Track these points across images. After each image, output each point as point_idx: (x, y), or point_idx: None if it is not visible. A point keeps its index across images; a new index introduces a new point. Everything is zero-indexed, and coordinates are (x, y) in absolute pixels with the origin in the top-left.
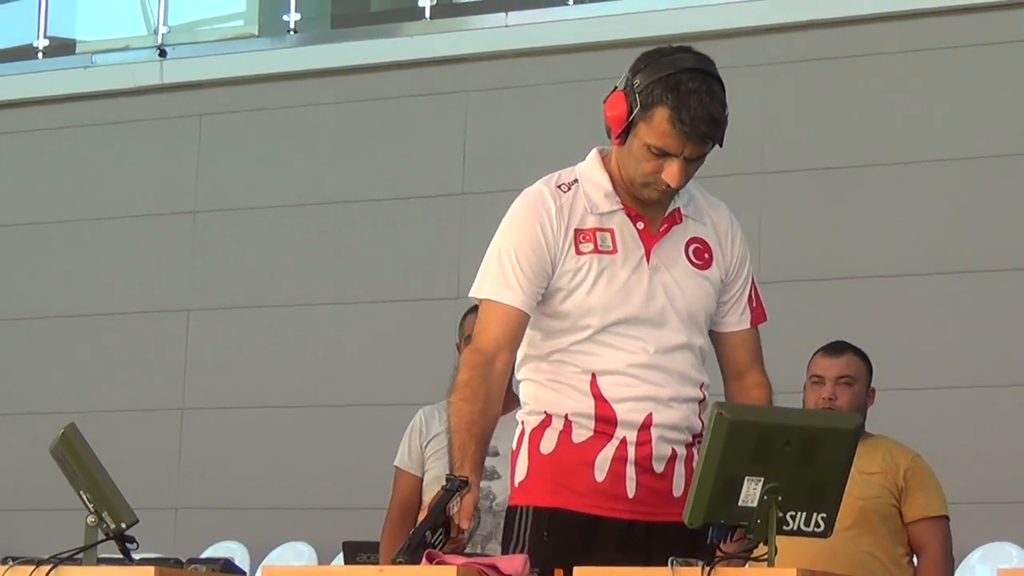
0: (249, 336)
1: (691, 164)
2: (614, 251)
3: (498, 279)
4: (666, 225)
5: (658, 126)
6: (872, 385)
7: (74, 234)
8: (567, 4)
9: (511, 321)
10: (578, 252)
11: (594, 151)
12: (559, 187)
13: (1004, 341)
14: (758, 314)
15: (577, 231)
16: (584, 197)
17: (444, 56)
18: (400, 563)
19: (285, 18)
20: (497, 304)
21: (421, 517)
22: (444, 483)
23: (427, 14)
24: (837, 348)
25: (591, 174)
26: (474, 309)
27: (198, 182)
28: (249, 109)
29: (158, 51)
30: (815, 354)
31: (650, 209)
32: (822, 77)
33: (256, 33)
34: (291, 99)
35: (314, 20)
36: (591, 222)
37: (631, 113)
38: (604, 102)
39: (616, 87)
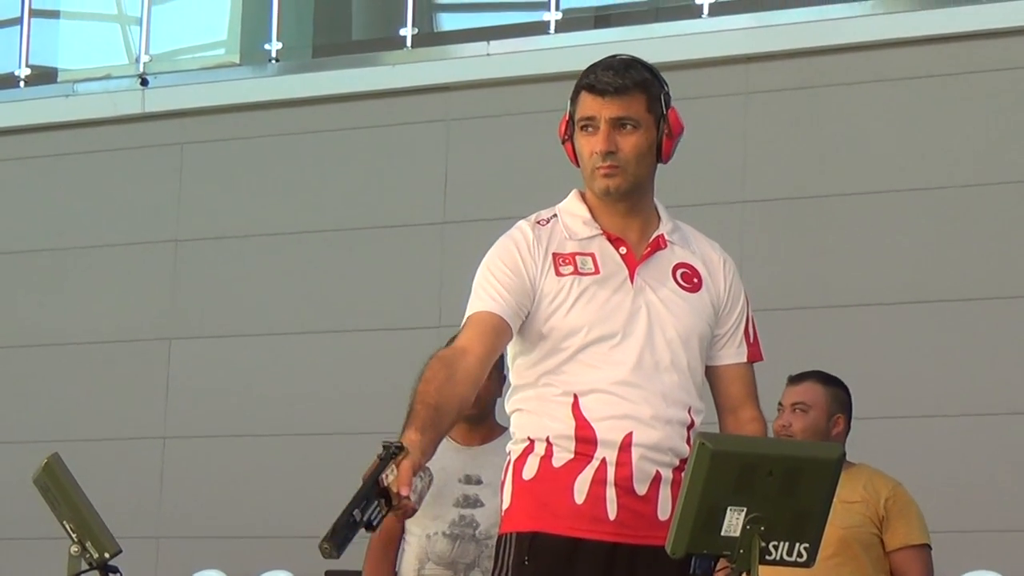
0: (230, 365)
1: (620, 129)
2: (596, 272)
3: (476, 298)
4: (650, 249)
5: (580, 104)
6: (848, 414)
7: (55, 262)
8: (548, 33)
9: (484, 322)
10: (558, 274)
11: (573, 191)
12: (538, 222)
13: (985, 369)
14: (754, 351)
15: (556, 255)
16: (563, 227)
17: (425, 85)
18: (325, 549)
19: (267, 47)
20: (474, 314)
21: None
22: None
23: (408, 43)
24: (798, 377)
25: (569, 207)
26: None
27: (179, 210)
28: (231, 138)
29: (139, 80)
30: None
31: (631, 235)
32: (802, 106)
33: (238, 62)
34: (272, 127)
35: (296, 49)
36: (571, 247)
37: (569, 118)
38: None
39: None
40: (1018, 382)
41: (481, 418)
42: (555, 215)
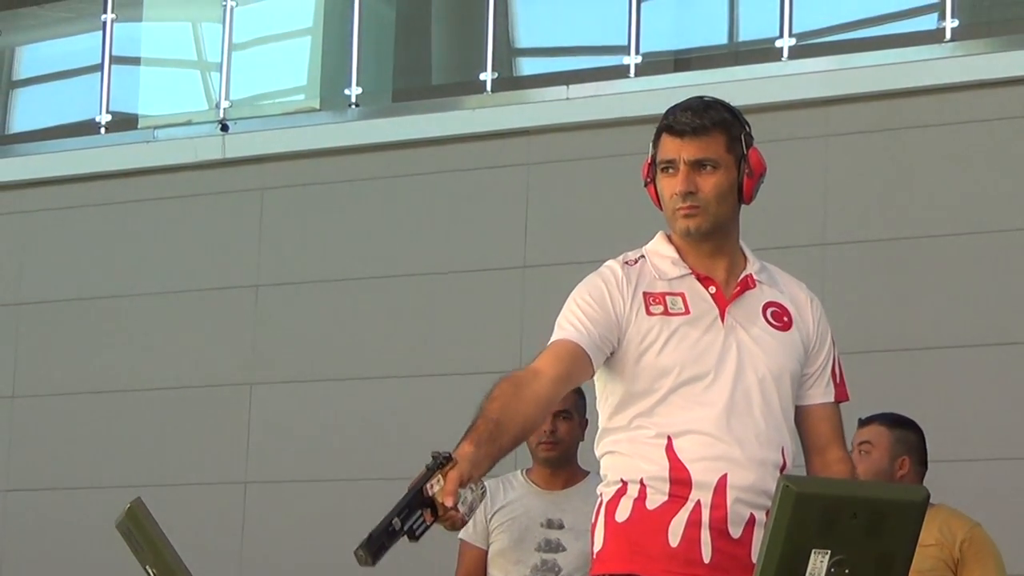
0: (311, 410)
1: (700, 170)
2: (686, 312)
3: (559, 328)
4: (739, 288)
5: (660, 146)
6: (916, 456)
7: (137, 308)
8: (628, 77)
9: (563, 348)
10: (648, 313)
11: (659, 233)
12: (626, 262)
13: None
14: (841, 391)
15: (646, 294)
16: (652, 267)
17: (505, 129)
18: (360, 556)
19: (347, 92)
20: (554, 342)
21: None
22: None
23: (488, 87)
24: (866, 419)
25: (656, 248)
26: None
27: (260, 256)
28: (310, 183)
29: (220, 125)
30: None
31: (720, 274)
32: (882, 149)
33: (318, 107)
34: (352, 173)
35: (376, 94)
36: (660, 287)
37: (651, 160)
38: None
39: None
40: None
41: (563, 461)
42: (642, 256)
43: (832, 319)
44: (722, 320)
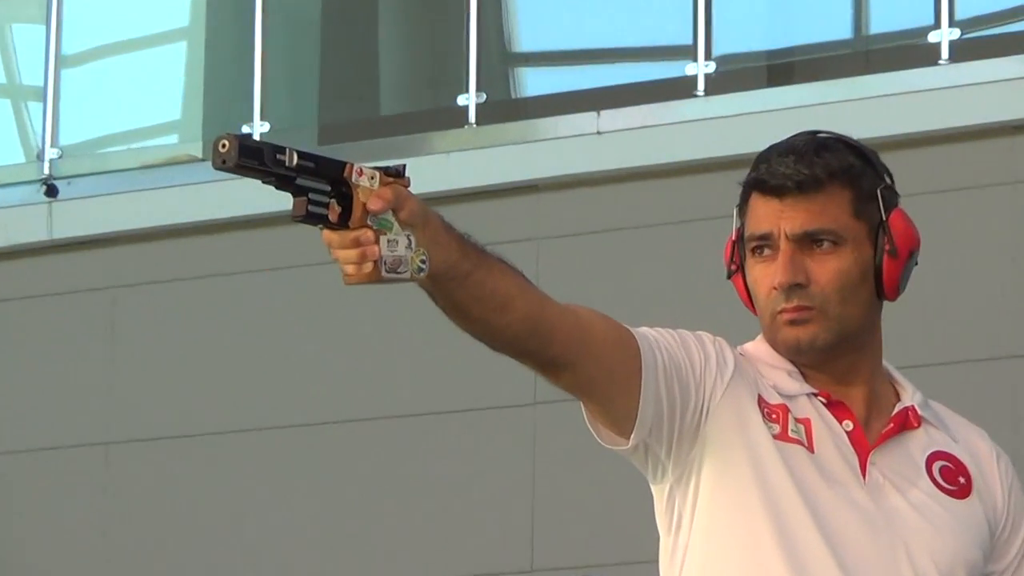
0: None
1: (812, 248)
2: (809, 448)
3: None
4: (892, 426)
5: (752, 211)
6: None
7: None
8: (694, 95)
9: (613, 322)
10: (771, 421)
11: (760, 336)
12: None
13: None
14: None
15: (761, 399)
16: (758, 372)
17: (500, 184)
18: (220, 144)
19: (246, 130)
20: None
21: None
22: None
23: (471, 117)
24: None
25: (760, 354)
26: None
27: (110, 408)
28: (189, 276)
29: (44, 188)
30: None
31: (856, 405)
32: None
33: (199, 156)
34: (256, 259)
35: (291, 133)
36: (776, 398)
37: (737, 237)
38: None
39: None
40: None
41: None
42: (741, 355)
43: None
44: (863, 473)
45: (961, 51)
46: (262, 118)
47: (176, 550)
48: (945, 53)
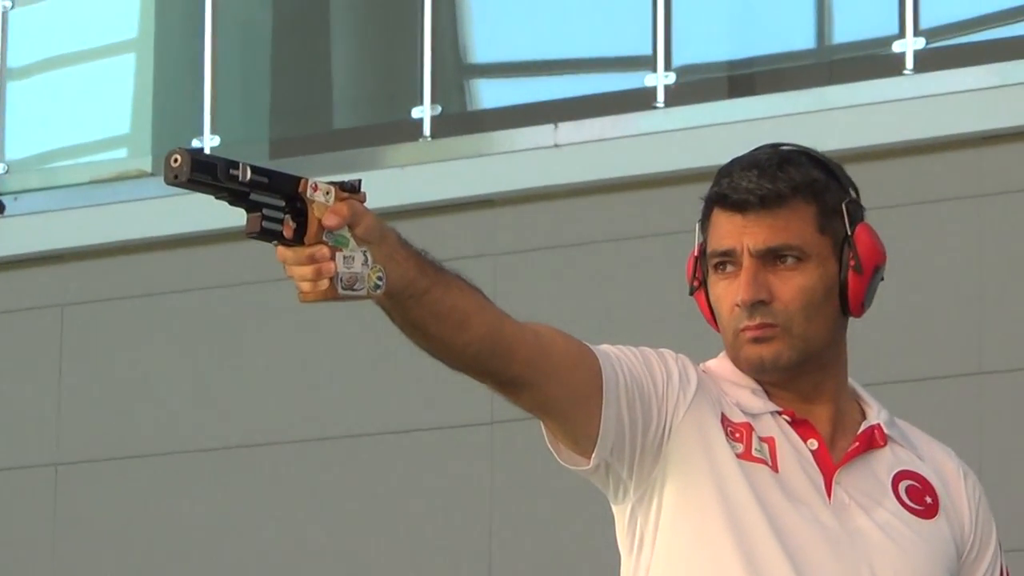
0: None
1: (775, 264)
2: (773, 468)
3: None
4: (858, 445)
5: (714, 227)
6: None
7: None
8: (653, 107)
9: (581, 346)
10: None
11: (723, 353)
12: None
13: None
14: None
15: (724, 417)
16: (721, 391)
17: (455, 199)
18: (172, 158)
19: (196, 144)
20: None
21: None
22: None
23: (426, 130)
24: None
25: (723, 372)
26: None
27: (59, 428)
28: (139, 294)
29: None
30: None
31: (822, 425)
32: None
33: (149, 171)
34: (207, 276)
35: (242, 147)
36: (740, 417)
37: (701, 252)
38: None
39: None
40: None
41: None
42: (704, 372)
43: (994, 499)
44: (827, 493)
45: (926, 61)
46: (213, 132)
47: (127, 573)
48: (910, 63)
